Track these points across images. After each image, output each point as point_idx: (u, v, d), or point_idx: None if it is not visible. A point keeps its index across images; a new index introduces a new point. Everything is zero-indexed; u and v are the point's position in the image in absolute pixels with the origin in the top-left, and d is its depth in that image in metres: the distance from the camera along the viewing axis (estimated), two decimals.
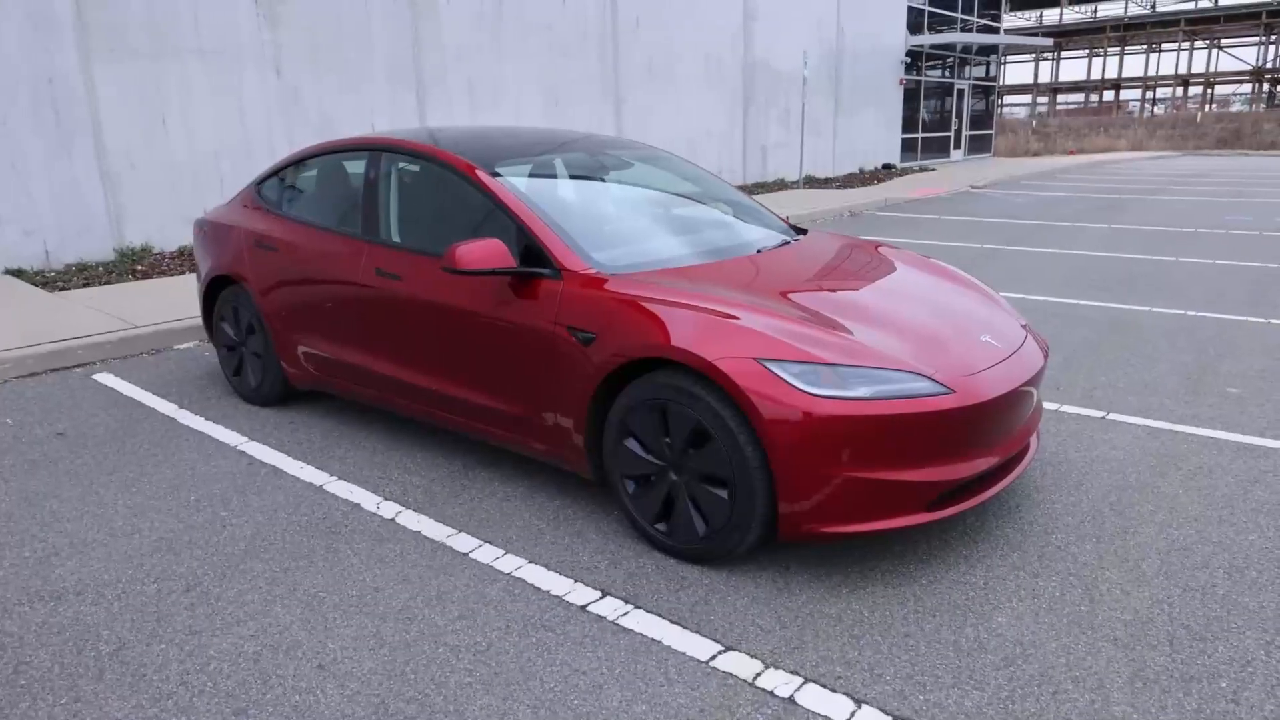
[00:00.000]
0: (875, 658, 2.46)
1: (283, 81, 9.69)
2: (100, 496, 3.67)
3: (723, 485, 2.83)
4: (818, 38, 18.09)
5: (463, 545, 3.18)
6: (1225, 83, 64.55)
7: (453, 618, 2.72)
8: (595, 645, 2.55)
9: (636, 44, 13.98)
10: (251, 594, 2.88)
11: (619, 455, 3.09)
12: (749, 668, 2.43)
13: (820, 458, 2.65)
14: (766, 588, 2.84)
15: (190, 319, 6.31)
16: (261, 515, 3.46)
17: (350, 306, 3.99)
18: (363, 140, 4.18)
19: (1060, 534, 3.15)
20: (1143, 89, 66.58)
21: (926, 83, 23.03)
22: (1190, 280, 7.74)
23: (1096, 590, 2.78)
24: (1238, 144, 39.98)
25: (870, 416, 2.64)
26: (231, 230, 4.71)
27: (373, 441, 4.21)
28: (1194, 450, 3.88)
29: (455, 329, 3.53)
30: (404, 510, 3.48)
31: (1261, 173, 20.82)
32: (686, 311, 2.91)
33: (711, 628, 2.63)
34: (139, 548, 3.21)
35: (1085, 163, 25.18)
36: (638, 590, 2.84)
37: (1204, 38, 61.93)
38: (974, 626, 2.60)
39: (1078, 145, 37.65)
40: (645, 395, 2.94)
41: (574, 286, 3.18)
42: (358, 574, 3.00)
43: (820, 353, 2.74)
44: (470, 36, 11.49)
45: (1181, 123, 47.32)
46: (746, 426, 2.73)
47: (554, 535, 3.24)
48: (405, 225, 3.88)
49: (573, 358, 3.13)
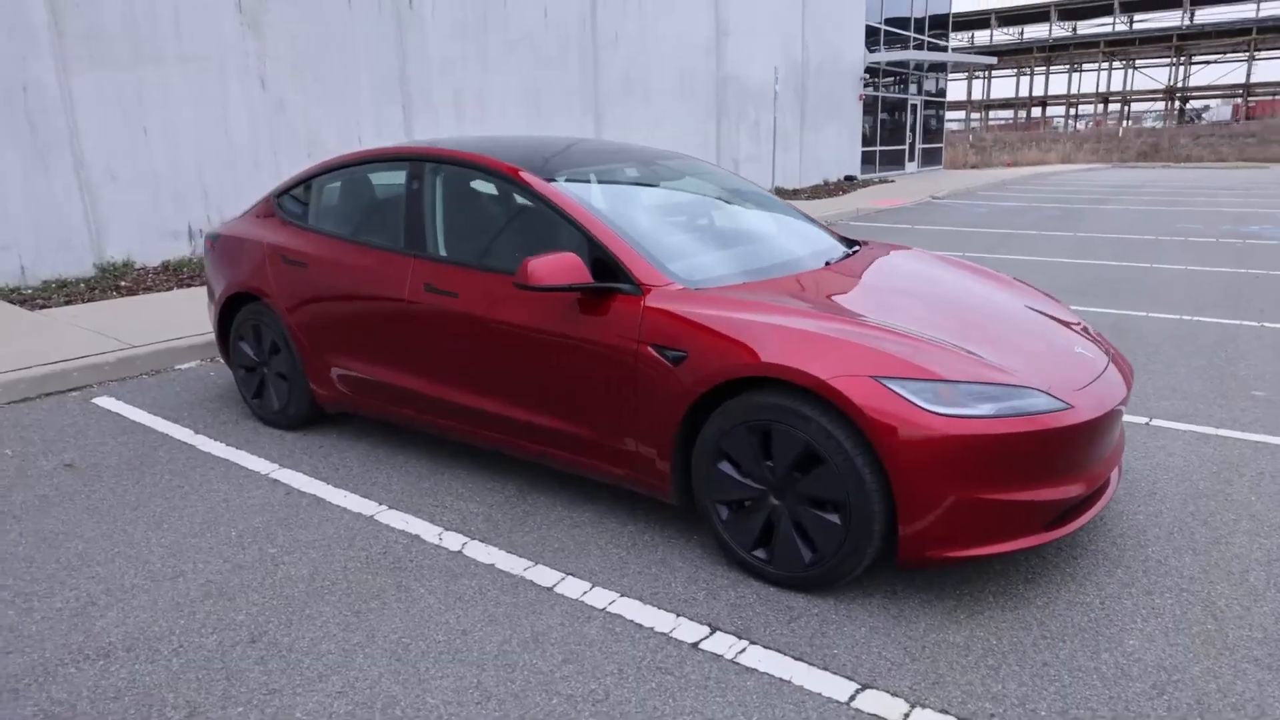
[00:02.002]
0: (1021, 690, 2.27)
1: (267, 92, 9.24)
2: (129, 535, 3.30)
3: (834, 509, 2.61)
4: (784, 54, 18.09)
5: (544, 579, 2.91)
6: (1141, 100, 66.91)
7: (557, 662, 2.45)
8: (721, 688, 2.31)
9: (615, 58, 13.76)
10: (326, 643, 2.57)
11: (711, 479, 2.85)
12: (895, 708, 2.21)
13: (944, 479, 2.45)
14: (880, 616, 2.63)
15: (190, 337, 5.89)
16: (315, 551, 3.14)
17: (394, 325, 3.68)
18: (403, 150, 3.87)
19: (1155, 546, 3.00)
20: (1067, 105, 68.67)
21: (883, 98, 23.24)
22: (1171, 286, 7.79)
23: (1215, 607, 2.62)
24: (1156, 157, 41.28)
25: (994, 435, 2.45)
26: (251, 244, 4.35)
27: (415, 466, 3.90)
28: (1249, 455, 3.79)
29: (519, 348, 3.26)
30: (470, 541, 3.19)
31: (1192, 184, 21.43)
32: (788, 327, 2.69)
33: (839, 663, 2.40)
34: (186, 593, 2.87)
35: (1028, 174, 25.67)
36: (748, 623, 2.61)
37: (1121, 59, 64.12)
38: (1109, 651, 2.42)
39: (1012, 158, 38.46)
40: (745, 416, 2.71)
41: (658, 302, 2.93)
42: (438, 615, 2.70)
43: (937, 369, 2.54)
44: (455, 48, 11.15)
45: (1105, 137, 48.76)
46: (864, 447, 2.51)
47: (639, 565, 2.99)
48: (458, 239, 3.59)
49: (659, 377, 2.88)
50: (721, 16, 16.07)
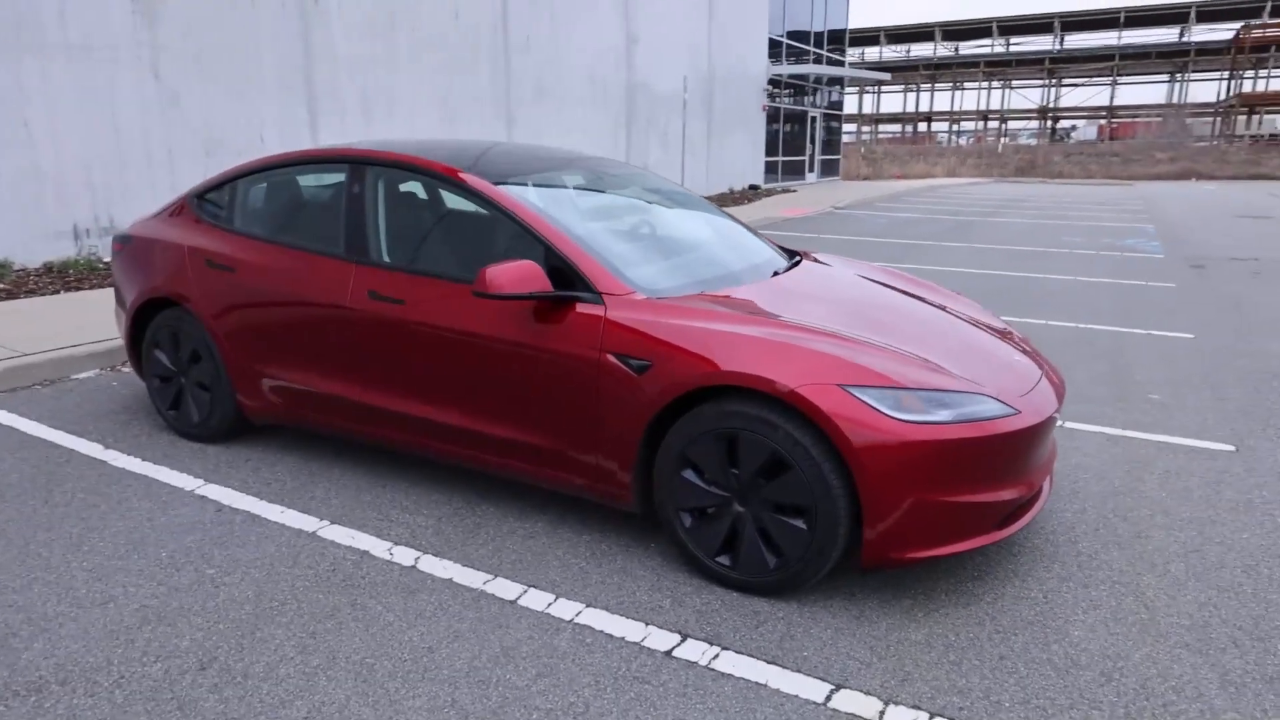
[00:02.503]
0: (984, 684, 2.38)
1: (161, 85, 8.73)
2: (44, 559, 3.06)
3: (800, 515, 2.67)
4: (691, 63, 18.37)
5: (506, 592, 2.86)
6: (1017, 119, 71.17)
7: (531, 676, 2.41)
8: (700, 695, 2.33)
9: (527, 63, 13.66)
10: (284, 666, 2.45)
11: (675, 488, 2.87)
12: (870, 706, 2.28)
13: (907, 483, 2.55)
14: (843, 617, 2.71)
15: (87, 344, 5.51)
16: (257, 570, 2.99)
17: (334, 333, 3.54)
18: (342, 151, 3.74)
19: (1084, 542, 3.20)
20: (950, 121, 72.36)
21: (784, 110, 23.90)
22: (1064, 295, 8.31)
23: (1145, 597, 2.82)
24: (1033, 172, 43.96)
25: (953, 440, 2.57)
26: (169, 247, 4.11)
27: (352, 479, 3.76)
28: (1153, 454, 4.09)
29: (472, 357, 3.19)
30: (423, 555, 3.10)
31: (1069, 199, 22.93)
32: (755, 337, 2.74)
33: (811, 665, 2.46)
34: (120, 620, 2.68)
35: (920, 187, 26.88)
36: (717, 629, 2.64)
37: (999, 79, 68.04)
38: (1058, 643, 2.57)
39: (902, 170, 40.23)
40: (710, 424, 2.74)
41: (620, 311, 2.93)
42: (400, 634, 2.62)
43: (898, 377, 2.64)
44: (364, 47, 10.83)
45: (986, 153, 51.64)
46: (831, 454, 2.59)
47: (600, 574, 2.97)
48: (403, 245, 3.49)
49: (622, 386, 2.88)
50: (631, 24, 16.20)
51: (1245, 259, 10.84)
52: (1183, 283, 9.01)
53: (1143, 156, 44.61)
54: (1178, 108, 59.33)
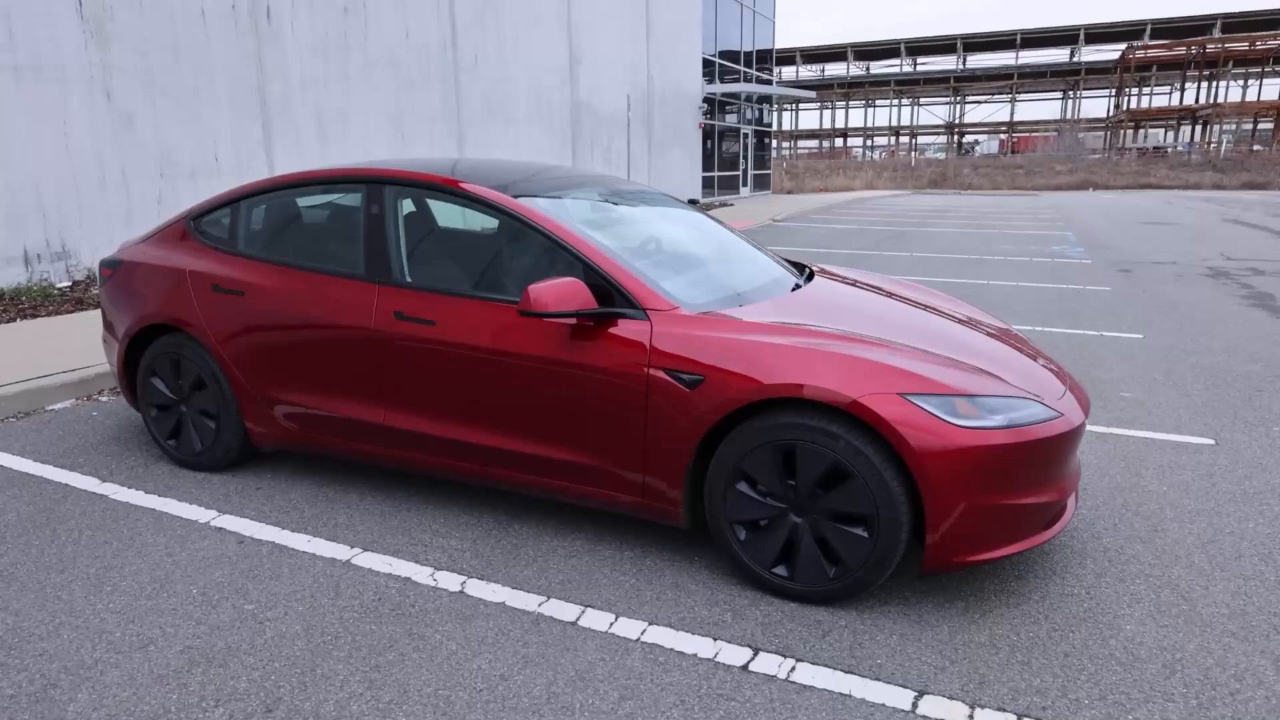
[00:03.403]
0: (1058, 682, 2.38)
1: (114, 106, 8.29)
2: (66, 602, 2.82)
3: (861, 523, 2.64)
4: (632, 82, 18.41)
5: (564, 613, 2.75)
6: (926, 134, 73.70)
7: (614, 700, 2.31)
8: (790, 709, 2.27)
9: (476, 81, 13.47)
10: (355, 704, 2.30)
11: (729, 500, 2.81)
12: (958, 711, 2.26)
13: (967, 487, 2.55)
14: (903, 622, 2.69)
15: (60, 374, 5.15)
16: (299, 604, 2.81)
17: (356, 356, 3.38)
18: (358, 171, 3.57)
19: (1108, 538, 3.26)
20: (864, 137, 74.44)
21: (719, 127, 24.18)
22: (1012, 300, 8.57)
23: (1179, 589, 2.88)
24: (945, 184, 45.50)
25: (1007, 444, 2.58)
26: (168, 271, 3.87)
27: (373, 504, 3.59)
28: (1142, 450, 4.21)
29: (508, 376, 3.08)
30: (468, 579, 2.97)
31: (986, 209, 23.78)
32: (807, 349, 2.70)
33: (888, 672, 2.43)
34: (165, 663, 2.48)
35: (848, 199, 27.51)
36: (785, 641, 2.58)
37: (908, 97, 70.36)
38: (1114, 638, 2.59)
39: (824, 184, 41.14)
40: (766, 437, 2.69)
41: (666, 326, 2.87)
42: (467, 662, 2.49)
43: (953, 383, 2.64)
44: (317, 66, 10.49)
45: (900, 166, 53.22)
46: (893, 462, 2.57)
47: (653, 591, 2.89)
48: (432, 266, 3.35)
49: (673, 402, 2.81)
50: (575, 44, 16.15)
51: (1165, 262, 11.39)
52: (1116, 286, 9.39)
53: (1043, 169, 46.64)
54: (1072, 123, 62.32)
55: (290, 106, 10.17)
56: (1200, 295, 8.78)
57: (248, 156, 9.68)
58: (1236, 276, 10.11)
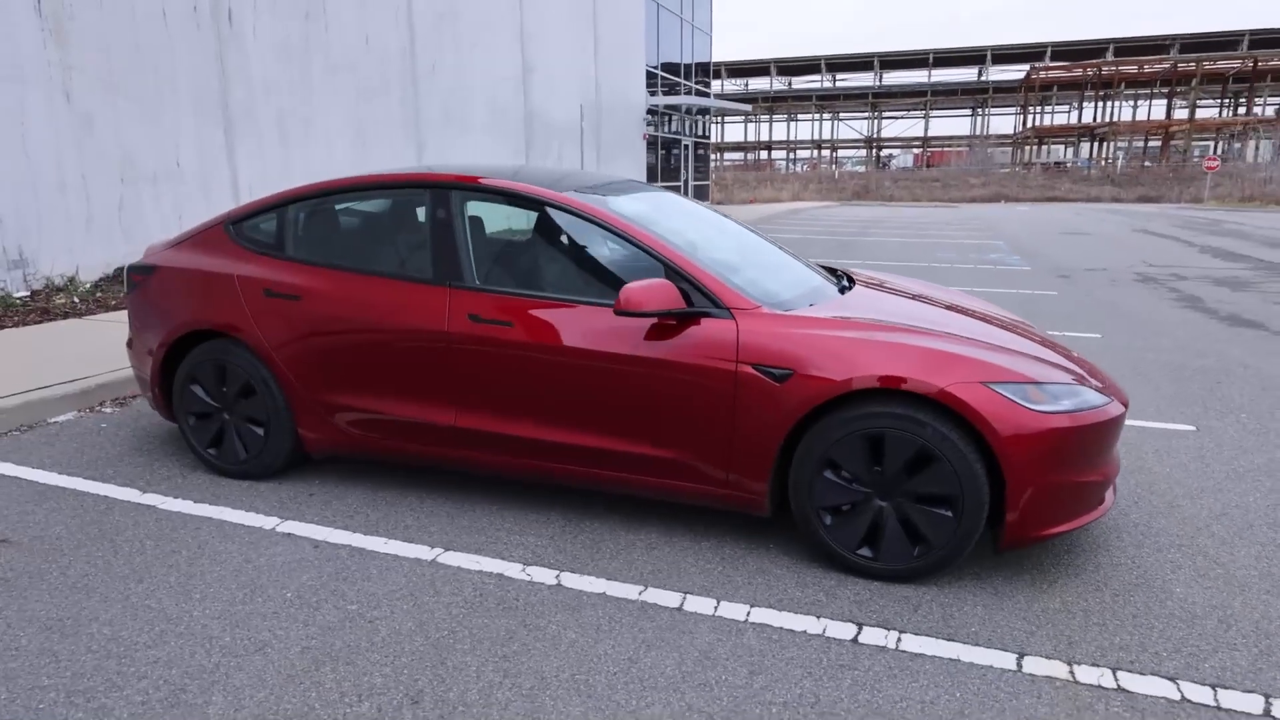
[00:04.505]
0: (1136, 639, 2.62)
1: (73, 107, 7.96)
2: (160, 610, 2.78)
3: (944, 504, 2.84)
4: (581, 93, 18.55)
5: (666, 600, 2.86)
6: (846, 148, 76.11)
7: (745, 676, 2.45)
8: (910, 675, 2.44)
9: (435, 88, 13.38)
10: (500, 692, 2.36)
11: (815, 488, 2.98)
12: (1059, 668, 2.47)
13: (1043, 467, 2.78)
14: (982, 595, 2.90)
15: (58, 385, 4.96)
16: (403, 603, 2.84)
17: (426, 358, 3.41)
18: (420, 176, 3.60)
19: (1135, 514, 3.56)
20: (788, 150, 76.33)
21: (663, 137, 24.53)
22: None
23: (1211, 556, 3.18)
24: (867, 196, 47.14)
25: (1077, 427, 2.82)
26: (213, 276, 3.81)
27: (436, 505, 3.62)
28: (1137, 437, 4.57)
29: (590, 375, 3.17)
30: (561, 572, 3.05)
31: (916, 220, 24.80)
32: (891, 342, 2.90)
33: (985, 639, 2.63)
34: (289, 663, 2.49)
35: (783, 210, 28.26)
36: (883, 615, 2.76)
37: (829, 112, 72.54)
38: (1170, 600, 2.86)
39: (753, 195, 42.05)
40: (854, 426, 2.87)
41: (751, 323, 3.02)
42: (591, 648, 2.58)
43: (1025, 373, 2.87)
44: (278, 70, 10.28)
45: (824, 178, 54.86)
46: (977, 446, 2.78)
47: (741, 576, 3.03)
48: (508, 270, 3.42)
49: (762, 396, 2.96)
50: (527, 54, 16.21)
51: (1097, 269, 12.17)
52: (1061, 291, 10.01)
53: (959, 182, 48.85)
54: (982, 139, 65.42)
55: (253, 110, 9.93)
56: (1137, 298, 9.45)
57: (210, 160, 9.41)
58: (1163, 282, 10.90)
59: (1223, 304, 9.08)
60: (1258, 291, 10.04)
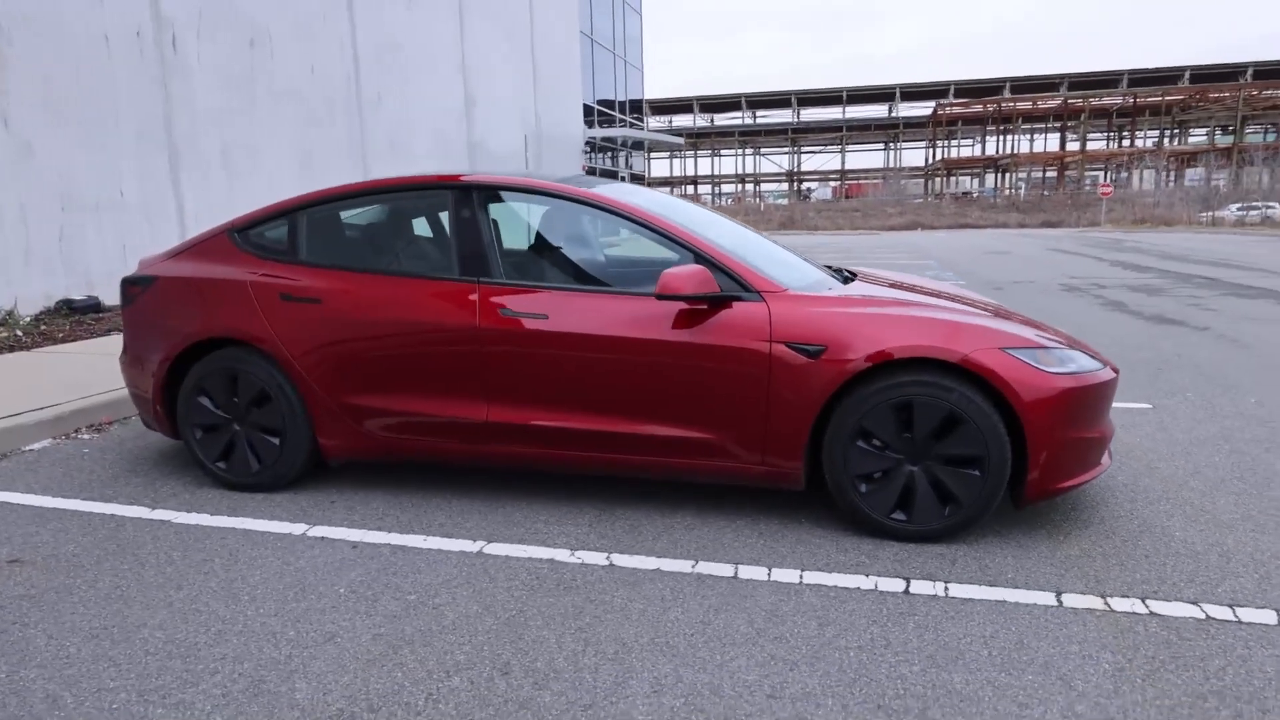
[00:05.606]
0: (1155, 574, 2.86)
1: (11, 133, 7.69)
2: (211, 612, 2.74)
3: (972, 464, 3.05)
4: (522, 124, 18.75)
5: (720, 571, 2.97)
6: (769, 181, 78.37)
7: (815, 627, 2.57)
8: (966, 616, 2.61)
9: (380, 118, 13.35)
10: (585, 657, 2.43)
11: (850, 458, 3.14)
12: (1095, 602, 2.68)
13: (1059, 425, 3.02)
14: (1009, 547, 3.10)
15: (29, 413, 4.77)
16: (462, 589, 2.87)
17: (458, 355, 3.46)
18: (439, 177, 3.68)
19: (1122, 475, 3.85)
20: (713, 184, 78.12)
21: (600, 169, 24.91)
22: None
23: (1195, 504, 3.47)
24: (793, 226, 48.55)
25: (1083, 387, 3.08)
26: (223, 284, 3.78)
27: (465, 503, 3.64)
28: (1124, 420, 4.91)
29: (629, 362, 3.28)
30: (611, 553, 3.12)
31: (848, 245, 25.76)
32: (913, 316, 3.11)
33: (1023, 582, 2.83)
34: (366, 649, 2.49)
35: None
36: (927, 569, 2.93)
37: (751, 147, 74.72)
38: (1173, 541, 3.12)
39: None
40: (885, 395, 3.06)
41: (782, 305, 3.19)
42: (662, 614, 2.66)
43: (1034, 339, 3.12)
44: (223, 98, 10.12)
45: (750, 210, 56.37)
46: (1000, 407, 3.00)
47: (784, 547, 3.16)
48: (530, 263, 3.51)
49: (796, 372, 3.12)
50: (470, 85, 16.34)
51: (1025, 281, 12.91)
52: (999, 299, 10.60)
53: (877, 211, 50.89)
54: (895, 171, 68.40)
55: (197, 138, 9.74)
56: (1069, 305, 10.08)
57: (154, 190, 9.17)
58: (1087, 290, 11.66)
59: (1145, 307, 9.78)
60: (1171, 296, 10.84)
